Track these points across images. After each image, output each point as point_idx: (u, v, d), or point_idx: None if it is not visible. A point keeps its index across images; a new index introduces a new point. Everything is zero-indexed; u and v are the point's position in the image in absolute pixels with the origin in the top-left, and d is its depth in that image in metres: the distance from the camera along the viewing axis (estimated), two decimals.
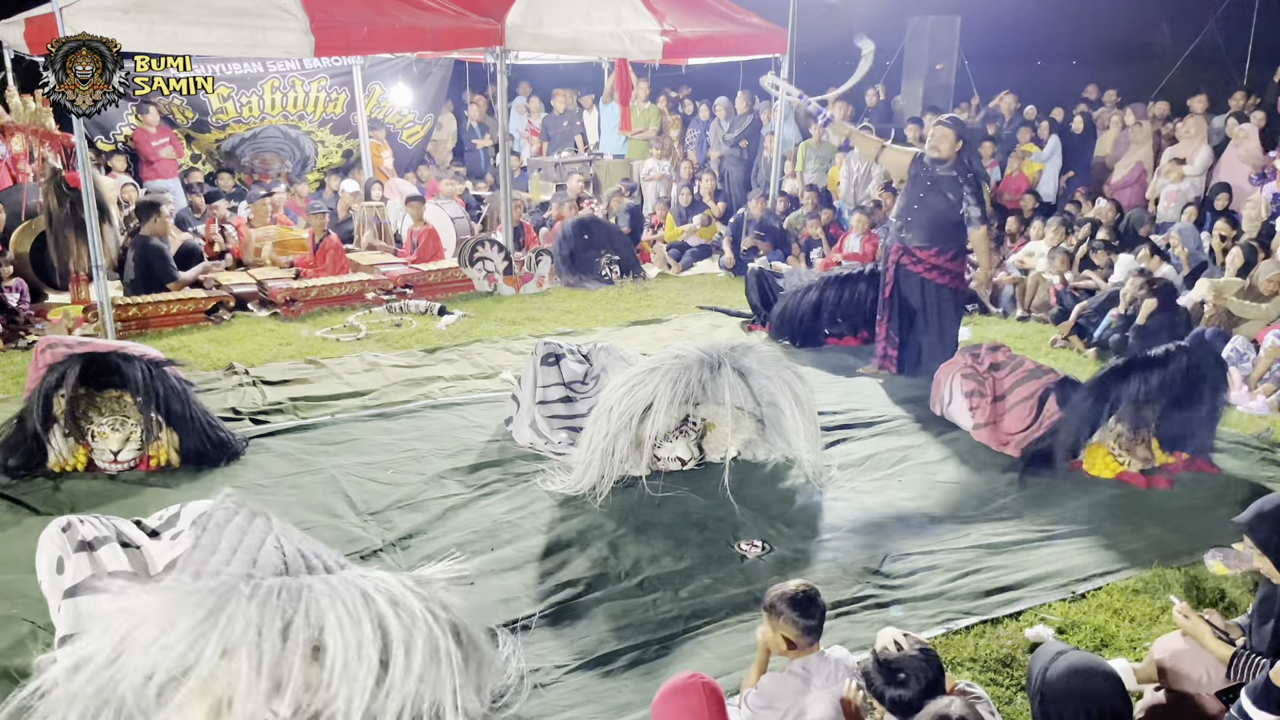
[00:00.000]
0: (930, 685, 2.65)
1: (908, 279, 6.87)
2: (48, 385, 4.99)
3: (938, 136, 6.64)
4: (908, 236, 6.79)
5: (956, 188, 6.58)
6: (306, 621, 2.08)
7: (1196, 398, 5.28)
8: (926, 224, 6.71)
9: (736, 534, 4.63)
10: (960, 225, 6.67)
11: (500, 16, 8.93)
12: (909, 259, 6.81)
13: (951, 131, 6.60)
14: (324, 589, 2.15)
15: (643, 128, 12.96)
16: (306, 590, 2.15)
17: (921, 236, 6.74)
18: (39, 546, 3.23)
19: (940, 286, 6.83)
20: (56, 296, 8.71)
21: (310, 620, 2.09)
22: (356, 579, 2.20)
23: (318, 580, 2.20)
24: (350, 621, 2.09)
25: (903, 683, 2.66)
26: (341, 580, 2.20)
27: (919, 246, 6.75)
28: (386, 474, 5.25)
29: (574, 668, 3.57)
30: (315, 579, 2.22)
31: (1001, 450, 5.64)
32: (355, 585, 2.17)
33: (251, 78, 11.96)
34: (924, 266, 6.78)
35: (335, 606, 2.11)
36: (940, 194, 6.63)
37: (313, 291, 8.78)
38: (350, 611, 2.10)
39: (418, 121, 13.40)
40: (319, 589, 2.16)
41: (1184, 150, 10.14)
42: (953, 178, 6.58)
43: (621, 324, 8.48)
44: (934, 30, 12.75)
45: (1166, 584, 4.17)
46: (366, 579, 2.21)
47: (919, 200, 6.71)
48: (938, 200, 6.64)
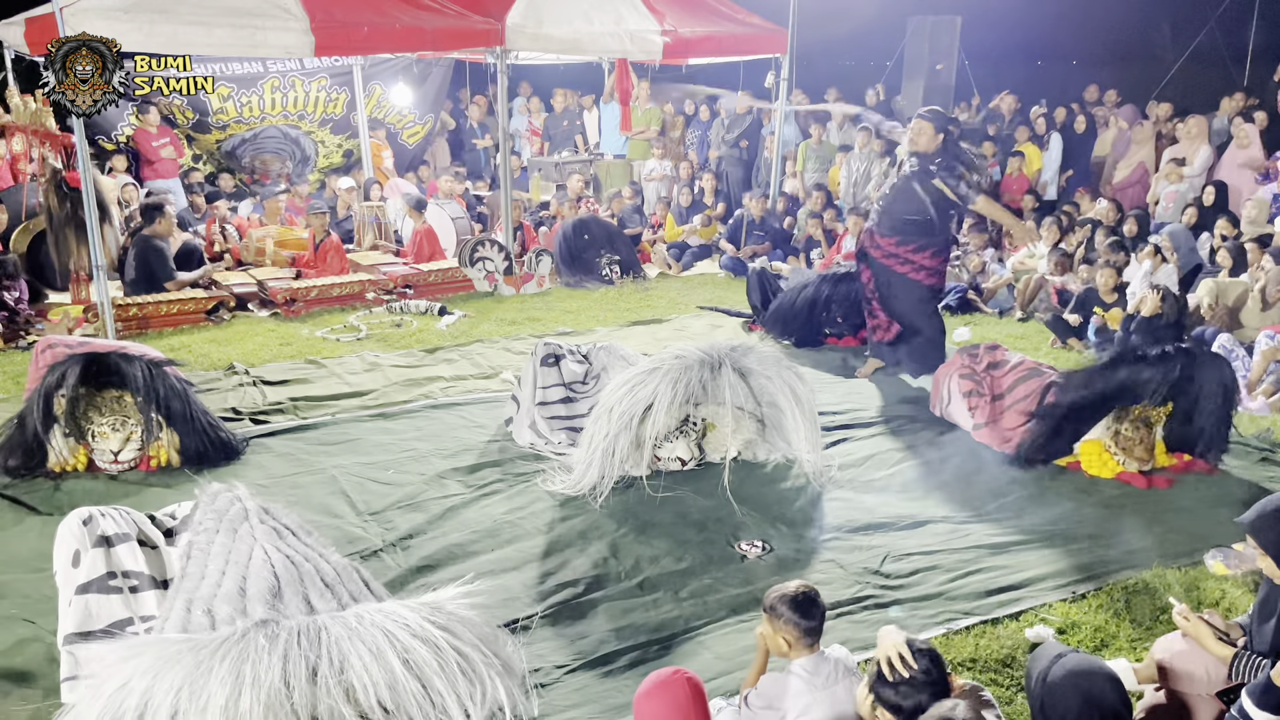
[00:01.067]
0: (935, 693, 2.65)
1: (873, 265, 6.87)
2: (48, 385, 4.98)
3: (916, 130, 6.59)
4: (876, 225, 6.79)
5: (930, 183, 6.48)
6: (331, 665, 2.07)
7: (1201, 401, 5.27)
8: (894, 216, 6.67)
9: (737, 534, 4.63)
10: (931, 223, 6.58)
11: (500, 16, 8.93)
12: (875, 248, 6.80)
13: (930, 124, 6.51)
14: (342, 631, 2.14)
15: (643, 128, 12.97)
16: (325, 633, 2.13)
17: (886, 226, 6.71)
18: (58, 536, 3.21)
19: (903, 277, 6.74)
20: (57, 296, 8.71)
21: (335, 662, 2.07)
22: (373, 615, 2.19)
23: (333, 620, 2.18)
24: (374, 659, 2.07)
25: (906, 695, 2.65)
26: (358, 618, 2.18)
27: (883, 236, 6.73)
28: (387, 474, 5.25)
29: (574, 668, 3.58)
30: (331, 618, 2.20)
31: (1002, 450, 5.64)
32: (375, 624, 2.15)
33: (251, 77, 11.95)
34: (882, 253, 6.75)
35: (356, 646, 2.10)
36: (911, 188, 6.54)
37: (313, 291, 8.78)
38: (374, 651, 2.09)
39: (418, 121, 13.40)
40: (336, 631, 2.14)
41: (1184, 150, 10.15)
42: (929, 172, 6.48)
43: (622, 324, 8.48)
44: (934, 30, 12.75)
45: (1167, 584, 4.17)
46: (383, 614, 2.19)
47: (892, 190, 6.69)
48: (908, 194, 6.55)
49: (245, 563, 2.70)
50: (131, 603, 3.11)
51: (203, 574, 2.70)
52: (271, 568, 2.66)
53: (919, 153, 6.57)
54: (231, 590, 2.57)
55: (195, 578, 2.69)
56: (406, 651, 2.10)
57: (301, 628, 2.15)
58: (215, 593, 2.58)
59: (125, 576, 3.14)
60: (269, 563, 2.68)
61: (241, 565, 2.69)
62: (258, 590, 2.56)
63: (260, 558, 2.71)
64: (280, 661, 2.05)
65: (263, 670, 2.03)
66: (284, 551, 2.75)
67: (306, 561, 2.73)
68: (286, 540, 2.84)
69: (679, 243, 11.22)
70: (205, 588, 2.62)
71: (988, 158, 11.35)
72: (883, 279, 6.84)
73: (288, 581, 2.61)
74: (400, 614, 2.18)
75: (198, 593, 2.60)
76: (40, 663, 3.53)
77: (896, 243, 6.68)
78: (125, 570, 3.15)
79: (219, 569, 2.69)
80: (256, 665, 2.04)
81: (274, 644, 2.09)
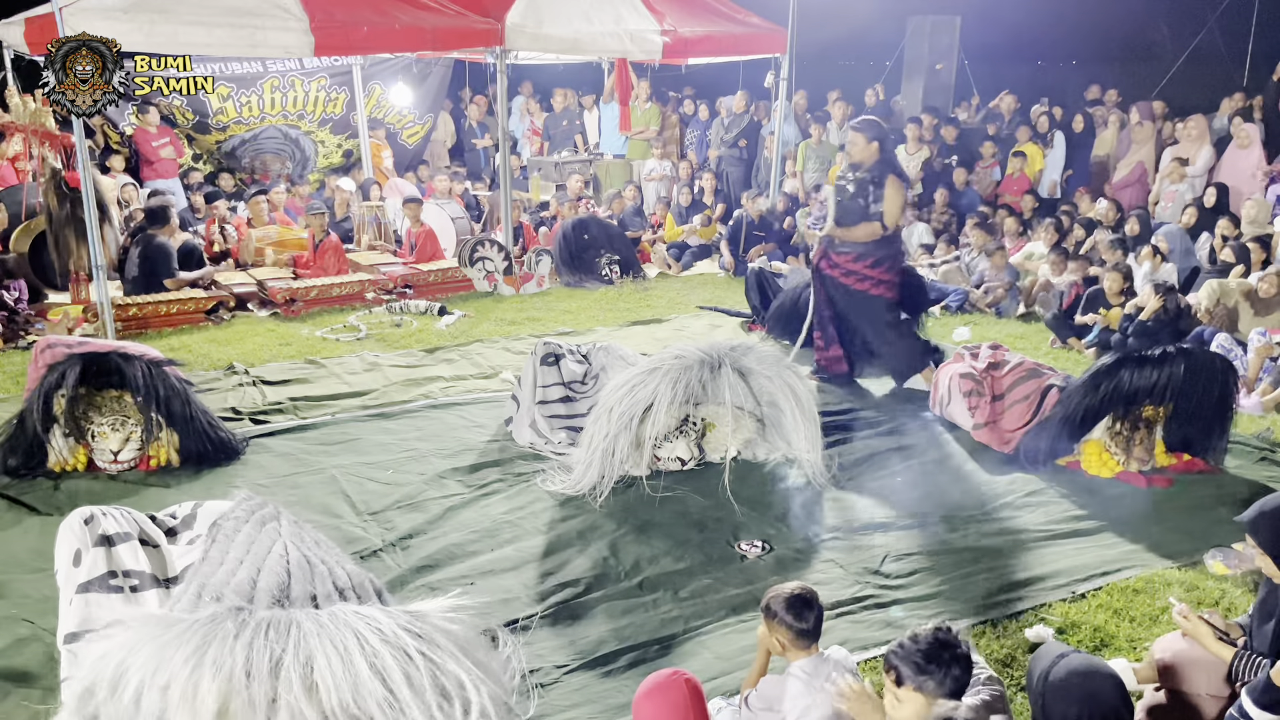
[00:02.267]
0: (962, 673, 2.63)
1: (828, 284, 6.74)
2: (48, 385, 4.98)
3: (850, 140, 6.52)
4: (829, 242, 6.68)
5: (867, 193, 6.39)
6: (295, 660, 2.06)
7: (1201, 400, 5.27)
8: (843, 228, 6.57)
9: (736, 534, 4.63)
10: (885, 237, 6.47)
11: (500, 16, 8.93)
12: (831, 266, 6.69)
13: (862, 135, 6.41)
14: (313, 628, 2.13)
15: (642, 128, 12.97)
16: (295, 628, 2.12)
17: (840, 243, 6.60)
18: (59, 535, 3.21)
19: (863, 294, 6.60)
20: (56, 296, 8.70)
21: (300, 657, 2.06)
22: (347, 616, 2.17)
23: (306, 616, 2.17)
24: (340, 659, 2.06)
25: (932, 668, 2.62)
26: (331, 617, 2.17)
27: (837, 253, 6.62)
28: (386, 474, 5.25)
29: (574, 668, 3.58)
30: (304, 614, 2.19)
31: (1002, 450, 5.64)
32: (346, 624, 2.14)
33: (251, 77, 11.95)
34: (841, 271, 6.62)
35: (324, 644, 2.09)
36: (855, 200, 6.46)
37: (313, 291, 8.78)
38: (340, 651, 2.07)
39: (418, 121, 13.40)
40: (307, 627, 2.13)
41: (1185, 151, 10.15)
42: (865, 181, 6.40)
43: (621, 324, 8.48)
44: (934, 30, 12.76)
45: (1166, 584, 4.18)
46: (359, 615, 2.17)
47: (838, 205, 6.59)
48: (852, 206, 6.47)
49: (264, 556, 2.71)
50: (132, 602, 3.11)
51: (222, 560, 2.71)
52: (287, 564, 2.66)
53: (855, 164, 6.52)
54: (243, 580, 2.59)
55: (214, 563, 2.71)
56: (375, 656, 2.08)
57: (272, 620, 2.14)
58: (228, 581, 2.59)
59: (126, 576, 3.14)
60: (286, 559, 2.69)
61: (259, 558, 2.70)
62: (268, 584, 2.57)
63: (279, 552, 2.72)
64: (244, 649, 2.05)
65: (225, 655, 2.04)
66: (302, 550, 2.76)
67: (321, 563, 2.74)
68: (308, 543, 2.85)
69: (678, 243, 11.22)
70: (220, 574, 2.64)
71: (985, 159, 11.37)
72: (841, 297, 6.69)
73: (299, 580, 2.62)
74: (375, 618, 2.17)
75: (212, 579, 2.62)
76: (40, 662, 3.53)
77: (853, 259, 6.56)
78: (126, 569, 3.15)
79: (238, 558, 2.71)
80: (220, 649, 2.04)
81: (241, 631, 2.09)
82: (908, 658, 2.60)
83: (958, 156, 11.48)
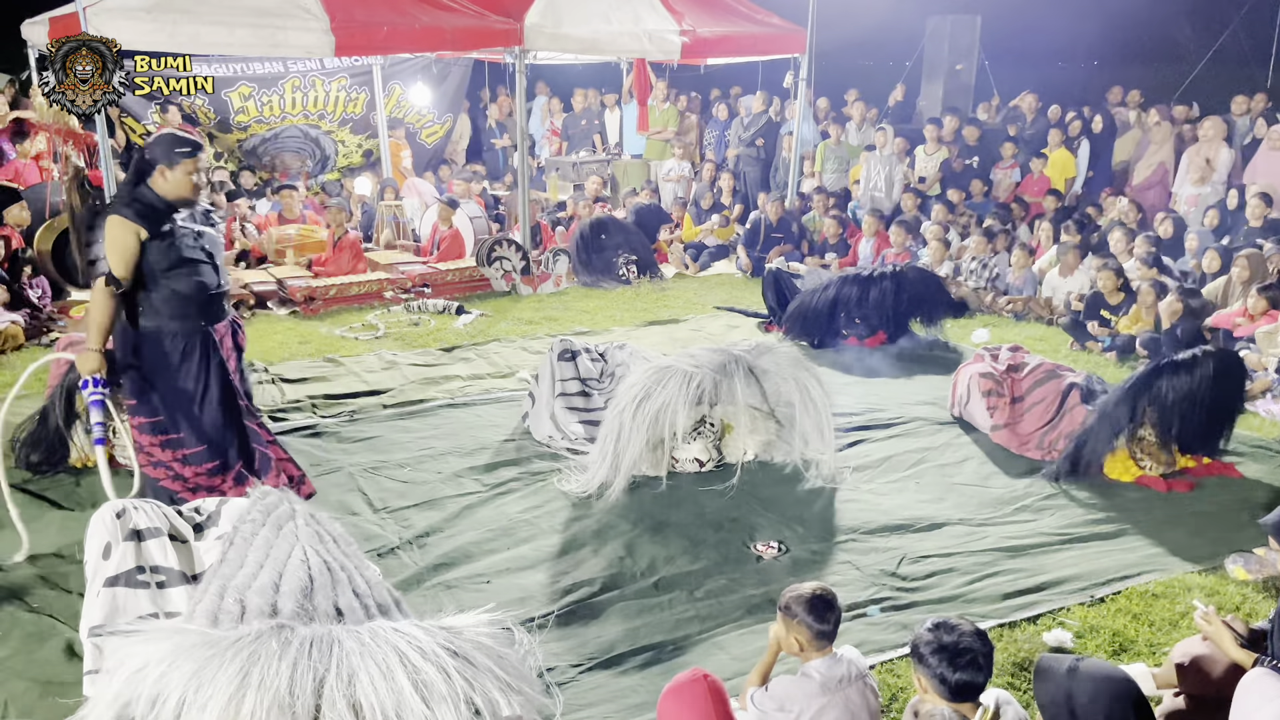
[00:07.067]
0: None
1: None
2: (70, 382, 5.03)
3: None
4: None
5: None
6: (339, 678, 2.07)
7: (1223, 401, 5.23)
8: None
9: (753, 535, 4.62)
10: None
11: (519, 16, 8.95)
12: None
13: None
14: (355, 646, 2.14)
15: (661, 128, 12.96)
16: (337, 646, 2.13)
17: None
18: (90, 528, 3.24)
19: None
20: (79, 294, 8.77)
21: (343, 676, 2.08)
22: (388, 633, 2.19)
23: (348, 634, 2.19)
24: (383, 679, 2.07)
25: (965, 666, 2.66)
26: (372, 634, 2.18)
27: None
28: (403, 472, 5.27)
29: (589, 667, 3.58)
30: (345, 631, 2.20)
31: (1021, 452, 5.61)
32: (388, 641, 2.15)
33: (272, 77, 12.03)
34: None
35: (366, 663, 2.10)
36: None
37: (331, 290, 8.82)
38: (383, 669, 2.09)
39: (437, 121, 13.45)
40: (349, 644, 2.14)
41: (1205, 152, 10.04)
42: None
43: (638, 324, 8.48)
44: (954, 30, 12.68)
45: (1186, 589, 4.14)
46: (399, 633, 2.19)
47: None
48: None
49: (284, 559, 2.72)
50: (158, 598, 3.13)
51: (241, 562, 2.72)
52: (308, 568, 2.67)
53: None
54: (266, 584, 2.60)
55: (234, 564, 2.72)
56: (417, 673, 2.09)
57: (315, 637, 2.15)
58: (250, 584, 2.60)
59: (154, 571, 3.16)
60: (306, 564, 2.70)
61: (280, 561, 2.71)
62: (290, 588, 2.58)
63: (299, 557, 2.73)
64: (289, 668, 2.06)
65: (270, 674, 2.04)
66: (322, 555, 2.77)
67: (342, 570, 2.75)
68: (327, 546, 2.86)
69: (696, 243, 11.21)
70: (241, 577, 2.65)
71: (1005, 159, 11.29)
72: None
73: (320, 584, 2.63)
74: (415, 636, 2.18)
75: (233, 580, 2.63)
76: (59, 658, 3.56)
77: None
78: (154, 565, 3.17)
79: (258, 561, 2.72)
80: (265, 668, 2.05)
81: (285, 650, 2.09)
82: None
83: (979, 158, 11.41)
